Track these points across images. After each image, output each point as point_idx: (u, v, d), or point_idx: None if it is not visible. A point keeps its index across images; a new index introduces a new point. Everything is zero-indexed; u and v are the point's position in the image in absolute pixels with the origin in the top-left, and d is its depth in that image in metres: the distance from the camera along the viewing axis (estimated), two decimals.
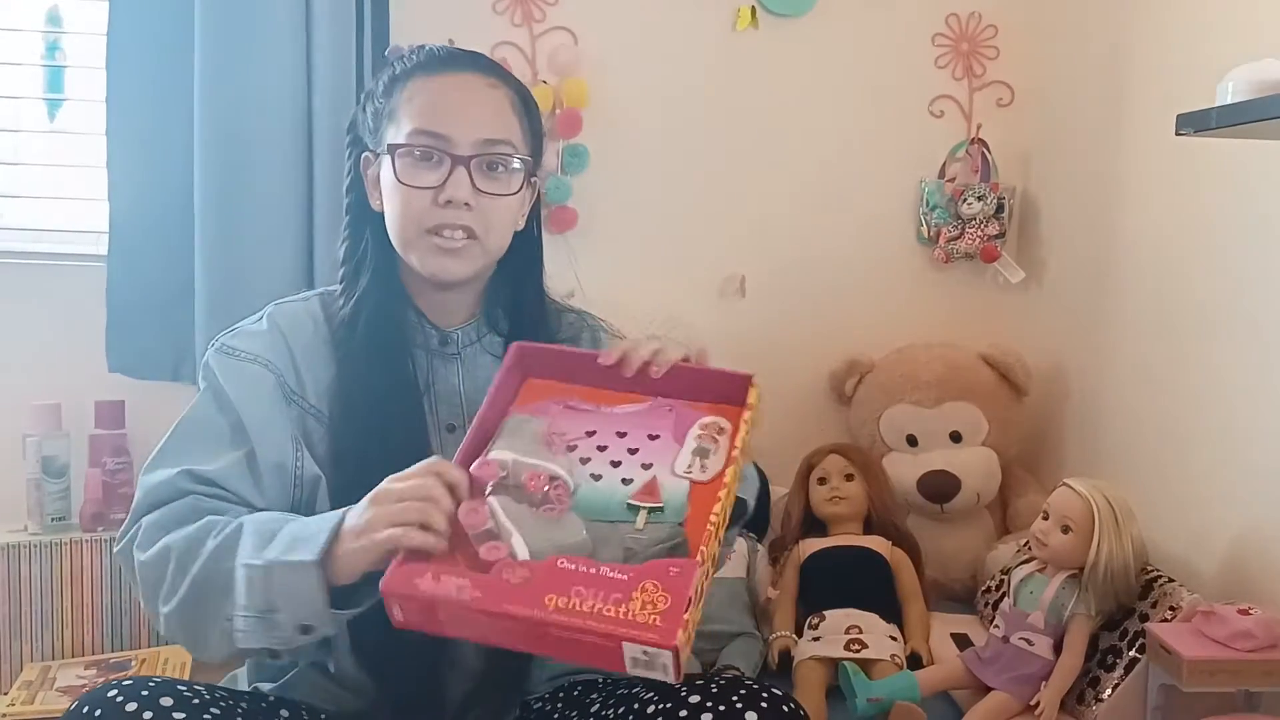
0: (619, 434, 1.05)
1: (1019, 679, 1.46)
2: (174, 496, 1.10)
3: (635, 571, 0.91)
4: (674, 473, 1.01)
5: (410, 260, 1.19)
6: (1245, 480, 1.50)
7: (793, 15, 2.08)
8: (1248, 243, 1.52)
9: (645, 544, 0.96)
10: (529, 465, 1.00)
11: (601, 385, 1.09)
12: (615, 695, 1.17)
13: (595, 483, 1.01)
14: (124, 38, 1.84)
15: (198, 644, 1.06)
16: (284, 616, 0.99)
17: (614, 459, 1.03)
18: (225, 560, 1.02)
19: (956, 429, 1.93)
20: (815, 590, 1.71)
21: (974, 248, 2.08)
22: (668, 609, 0.87)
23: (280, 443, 1.15)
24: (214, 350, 1.20)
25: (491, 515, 0.96)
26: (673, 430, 1.05)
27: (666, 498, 0.99)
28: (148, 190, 1.87)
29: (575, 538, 0.96)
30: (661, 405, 1.08)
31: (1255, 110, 1.16)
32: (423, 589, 0.91)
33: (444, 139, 1.16)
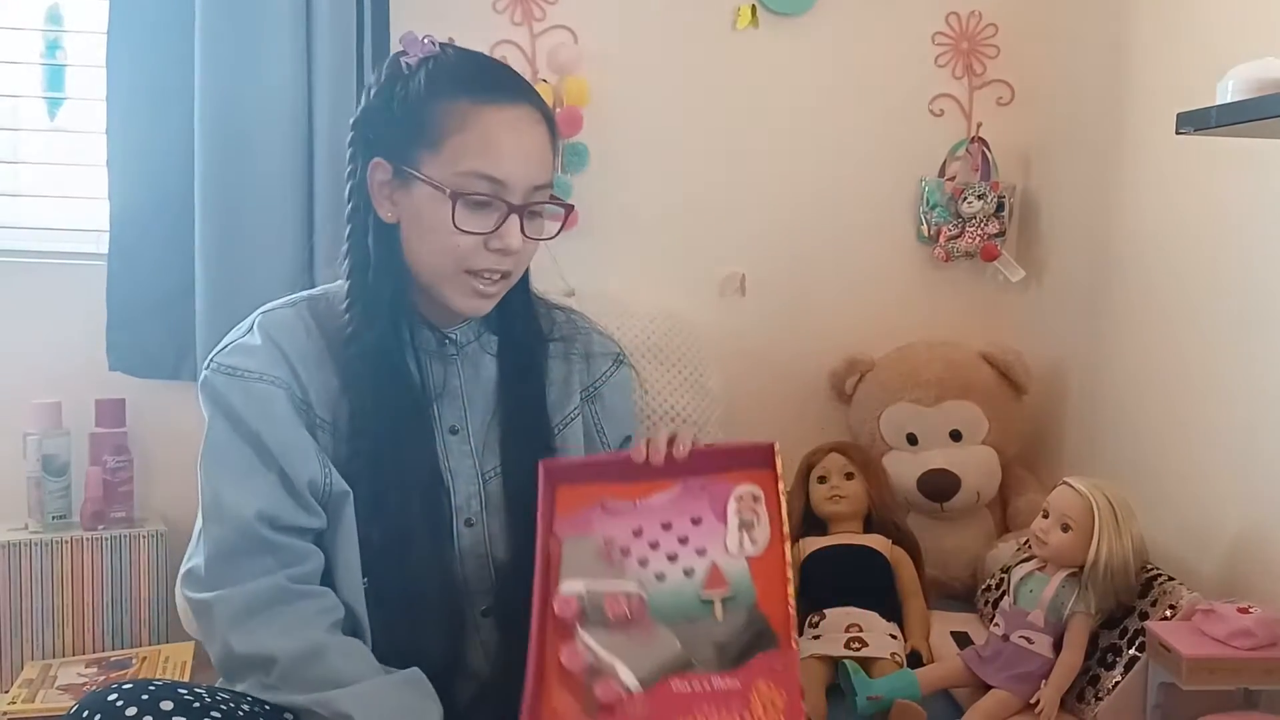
0: (664, 526, 1.08)
1: (1019, 677, 1.46)
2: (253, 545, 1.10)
3: (744, 675, 0.96)
4: (728, 552, 1.05)
5: (441, 293, 1.17)
6: (1245, 479, 1.50)
7: (793, 14, 2.07)
8: (1248, 241, 1.52)
9: (731, 634, 1.00)
10: (603, 590, 1.03)
11: (631, 479, 1.12)
12: None
13: (661, 583, 1.05)
14: (124, 36, 1.84)
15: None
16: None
17: (669, 553, 1.07)
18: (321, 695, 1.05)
19: (956, 427, 1.93)
20: (815, 589, 1.71)
21: (974, 246, 2.08)
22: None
23: (306, 458, 1.13)
24: (214, 372, 1.16)
25: (590, 652, 1.00)
26: (711, 509, 1.08)
27: (732, 581, 1.03)
28: (148, 189, 1.87)
29: (673, 651, 0.99)
30: (693, 485, 1.10)
31: (1255, 109, 1.16)
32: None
33: (501, 185, 1.13)
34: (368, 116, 1.19)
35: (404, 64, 1.17)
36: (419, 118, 1.14)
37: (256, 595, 1.09)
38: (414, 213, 1.16)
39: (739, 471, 1.11)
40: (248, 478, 1.12)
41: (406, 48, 1.18)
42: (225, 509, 1.11)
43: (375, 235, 1.19)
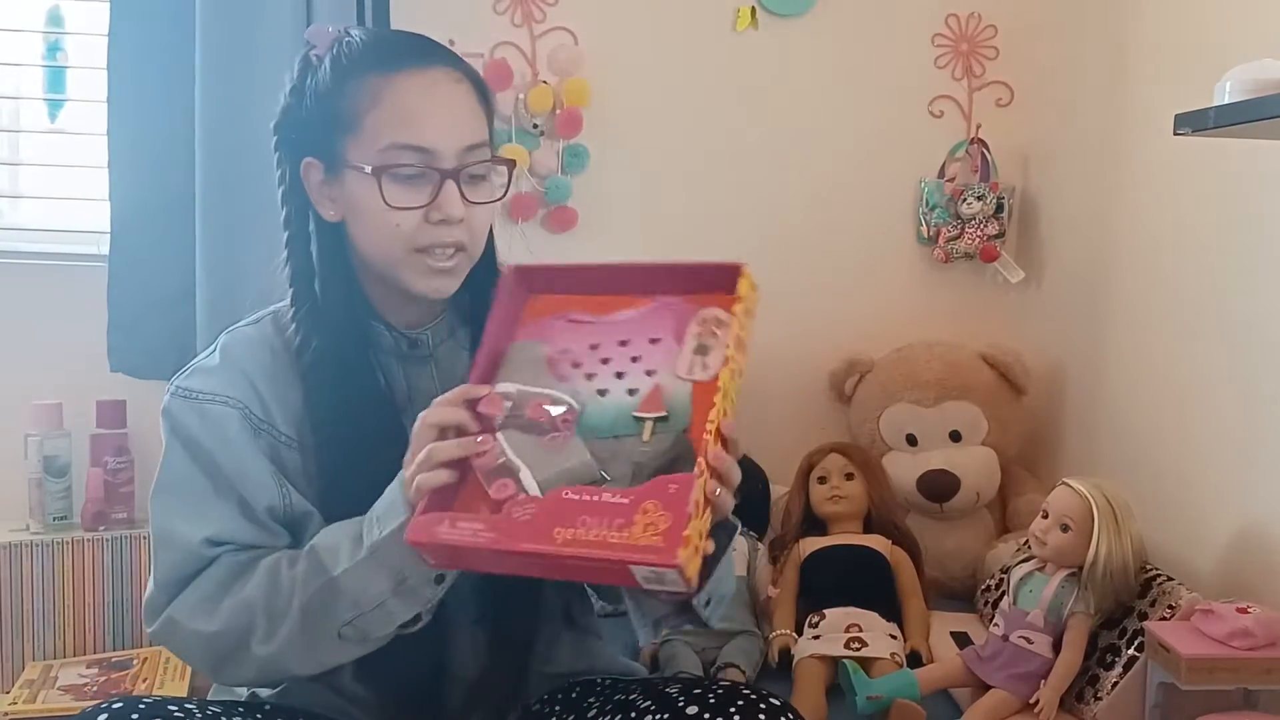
0: (621, 343, 1.03)
1: (1018, 677, 1.46)
2: (202, 567, 1.08)
3: (636, 494, 0.92)
4: (677, 376, 1.00)
5: (398, 279, 1.11)
6: (1244, 479, 1.51)
7: (792, 15, 2.08)
8: (1247, 242, 1.52)
9: (651, 456, 0.96)
10: (533, 395, 1.00)
11: (602, 291, 1.06)
12: (613, 701, 1.17)
13: (601, 399, 1.00)
14: (125, 38, 1.85)
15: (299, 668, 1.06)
16: (414, 579, 1.00)
17: (618, 370, 1.02)
18: (317, 579, 1.02)
19: (956, 428, 1.94)
20: (815, 589, 1.71)
21: (973, 247, 2.09)
22: (668, 528, 0.88)
23: (263, 483, 1.10)
24: (173, 396, 1.13)
25: (501, 452, 0.97)
26: (673, 330, 1.03)
27: (670, 405, 0.98)
28: (149, 190, 1.87)
29: (577, 461, 0.96)
30: (661, 305, 1.04)
31: (1253, 110, 1.16)
32: (442, 536, 0.93)
33: (428, 153, 1.07)
34: (287, 117, 1.14)
35: (313, 57, 1.12)
36: (334, 106, 1.09)
37: (209, 579, 1.07)
38: (351, 204, 1.10)
39: (710, 295, 1.04)
40: (203, 504, 1.09)
41: (314, 40, 1.13)
42: (176, 537, 1.09)
43: (320, 239, 1.15)
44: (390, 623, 1.02)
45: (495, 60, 1.99)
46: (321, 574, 1.02)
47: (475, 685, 1.16)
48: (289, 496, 1.11)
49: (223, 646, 1.07)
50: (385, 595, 1.00)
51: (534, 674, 1.22)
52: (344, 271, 1.15)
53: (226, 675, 1.12)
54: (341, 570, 1.01)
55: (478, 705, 1.16)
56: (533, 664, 1.21)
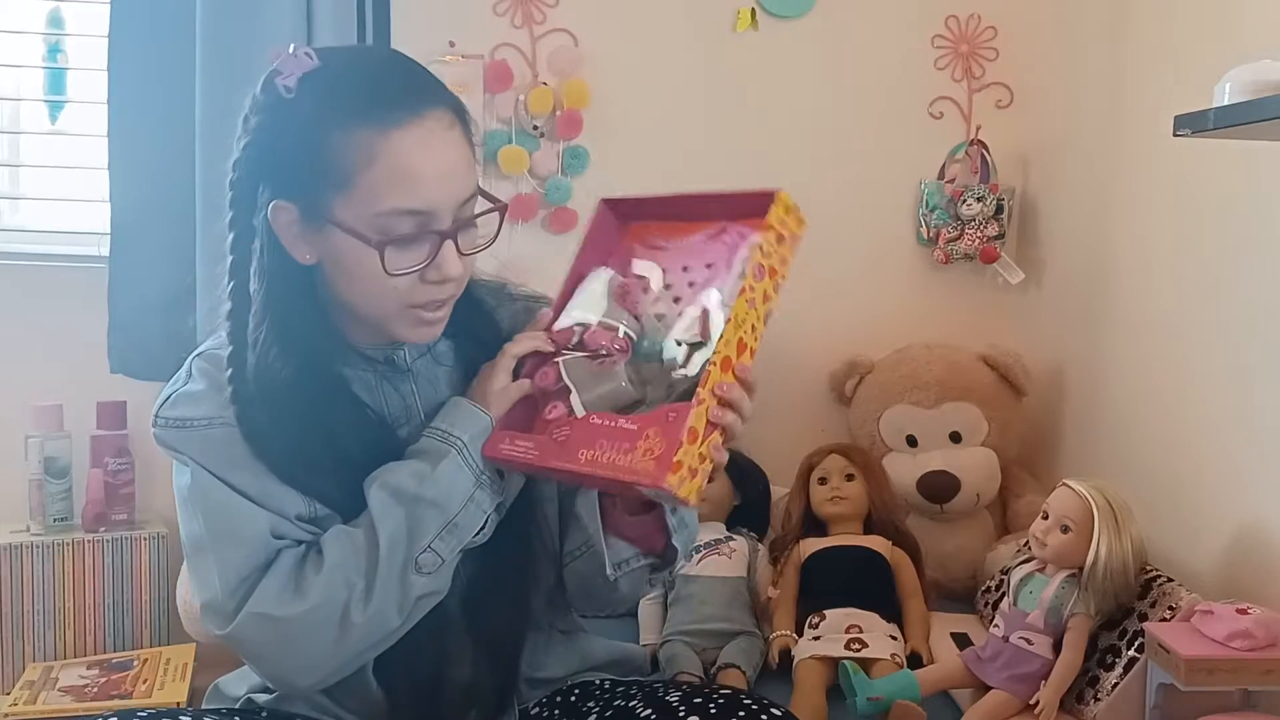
0: (684, 269, 1.08)
1: (1018, 678, 1.46)
2: (269, 556, 1.06)
3: (643, 420, 0.99)
4: (723, 303, 1.03)
5: (386, 330, 1.08)
6: (1243, 480, 1.51)
7: (792, 17, 2.08)
8: (1246, 244, 1.52)
9: (684, 380, 1.02)
10: (594, 322, 1.07)
11: (678, 218, 1.12)
12: (612, 707, 1.17)
13: (659, 324, 1.06)
14: (125, 40, 1.85)
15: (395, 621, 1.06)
16: (488, 473, 1.08)
17: (676, 295, 1.08)
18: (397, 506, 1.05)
19: (956, 429, 1.94)
20: (816, 589, 1.71)
21: (973, 249, 2.09)
22: (661, 453, 0.96)
23: (281, 497, 1.07)
24: (163, 428, 1.10)
25: (559, 376, 1.07)
26: (726, 256, 1.06)
27: (715, 328, 1.02)
28: (149, 192, 1.87)
29: (613, 385, 1.04)
30: (721, 230, 1.08)
31: (1253, 111, 1.16)
32: (503, 452, 1.06)
33: (427, 215, 1.02)
34: (252, 154, 1.05)
35: (282, 87, 1.01)
36: (317, 154, 1.01)
37: (281, 568, 1.05)
38: (335, 258, 1.05)
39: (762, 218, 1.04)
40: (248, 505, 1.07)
41: (281, 66, 1.02)
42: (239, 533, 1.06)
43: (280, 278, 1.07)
44: (479, 518, 1.07)
45: (495, 61, 1.99)
46: (399, 501, 1.05)
47: (467, 690, 1.15)
48: (311, 504, 1.09)
49: (319, 625, 1.03)
50: (471, 489, 1.06)
51: (525, 680, 1.22)
52: (307, 305, 1.09)
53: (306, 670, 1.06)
54: (428, 480, 1.05)
55: (471, 708, 1.16)
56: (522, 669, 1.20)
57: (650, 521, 1.16)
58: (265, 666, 1.07)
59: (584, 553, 1.18)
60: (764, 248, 1.02)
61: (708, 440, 0.99)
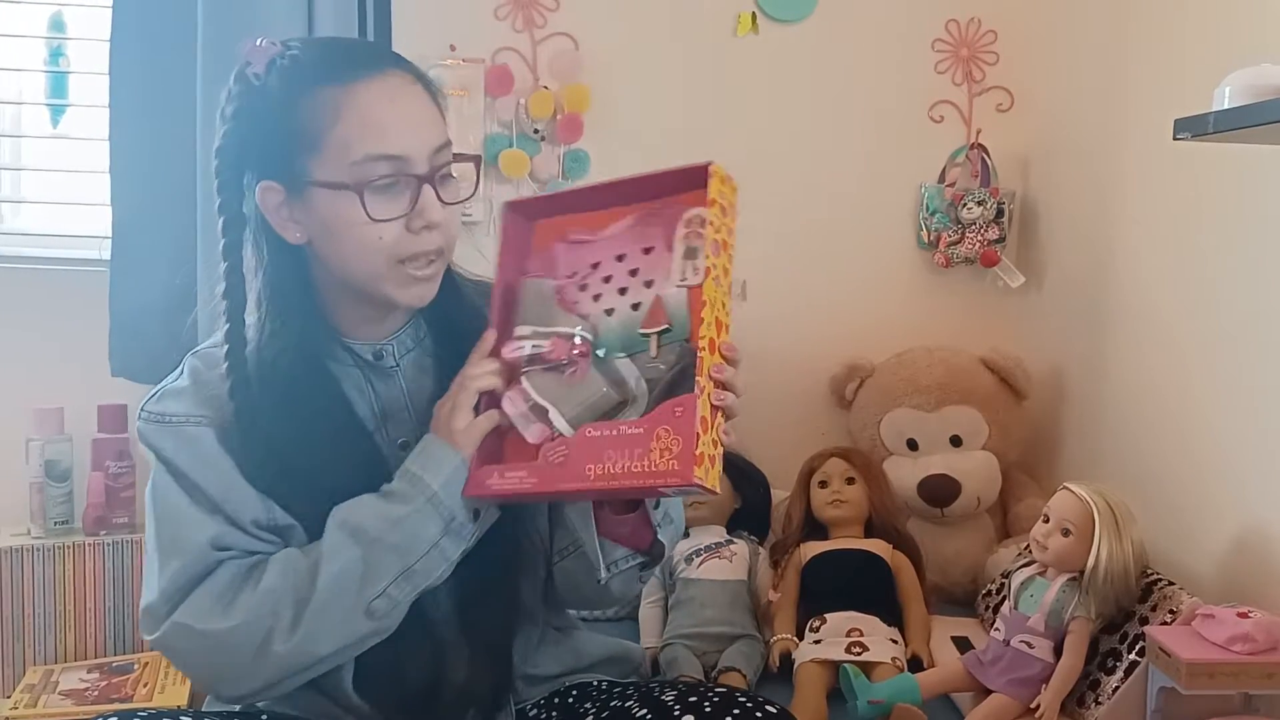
0: (618, 258, 1.06)
1: (1019, 681, 1.46)
2: (208, 571, 1.06)
3: (648, 422, 0.98)
4: (673, 284, 1.03)
5: (380, 293, 1.09)
6: (1244, 483, 1.51)
7: (793, 21, 2.09)
8: (1246, 247, 1.52)
9: (661, 370, 1.01)
10: (549, 334, 1.04)
11: (594, 208, 1.10)
12: (609, 708, 1.17)
13: (610, 318, 1.04)
14: (127, 43, 1.85)
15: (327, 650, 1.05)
16: (461, 516, 1.06)
17: (620, 286, 1.05)
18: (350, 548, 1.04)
19: (957, 433, 1.94)
20: (816, 593, 1.71)
21: (974, 252, 2.09)
22: (681, 450, 0.95)
23: (245, 499, 1.08)
24: (145, 421, 1.11)
25: (528, 396, 1.04)
26: (663, 237, 1.05)
27: (671, 315, 1.02)
28: (150, 195, 1.87)
29: (595, 392, 1.02)
30: (646, 212, 1.07)
31: (1252, 115, 1.17)
32: (494, 489, 1.03)
33: (402, 160, 1.05)
34: (232, 142, 1.10)
35: (252, 75, 1.08)
36: (289, 125, 1.05)
37: (218, 580, 1.06)
38: (322, 224, 1.07)
39: (687, 193, 1.06)
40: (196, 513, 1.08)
41: (249, 57, 1.09)
42: (181, 542, 1.07)
43: (277, 264, 1.11)
44: (442, 564, 1.06)
45: (496, 66, 1.99)
46: (357, 541, 1.04)
47: (462, 687, 1.15)
48: (272, 510, 1.10)
49: (238, 645, 1.04)
50: (437, 537, 1.05)
51: (519, 678, 1.22)
52: (299, 292, 1.12)
53: (230, 684, 1.08)
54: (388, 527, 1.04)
55: (466, 707, 1.16)
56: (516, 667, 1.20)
57: (637, 519, 1.15)
58: (192, 676, 1.11)
59: (572, 552, 1.18)
60: (714, 223, 1.03)
61: (715, 425, 0.99)
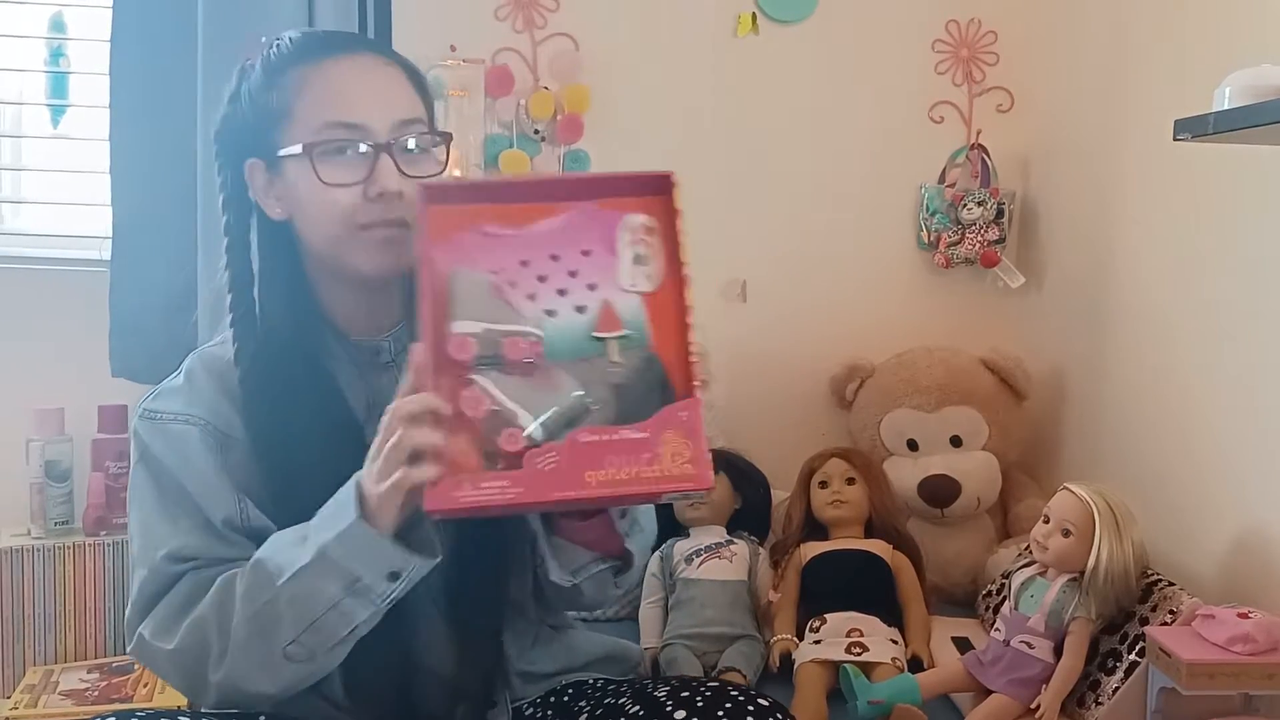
0: (552, 257, 1.01)
1: (1019, 682, 1.46)
2: (169, 583, 1.07)
3: (651, 426, 0.96)
4: (621, 289, 1.00)
5: (344, 262, 1.10)
6: (1244, 484, 1.51)
7: (793, 21, 2.09)
8: (1246, 247, 1.52)
9: (628, 376, 0.98)
10: (501, 331, 0.98)
11: (513, 200, 1.02)
12: (602, 705, 1.17)
13: (552, 319, 0.99)
14: (127, 44, 1.85)
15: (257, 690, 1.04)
16: (368, 577, 0.98)
17: (559, 287, 1.00)
18: (264, 593, 1.00)
19: (957, 433, 1.94)
20: (816, 593, 1.71)
21: (974, 253, 2.09)
22: (694, 454, 0.95)
23: (221, 497, 1.09)
24: (140, 419, 1.13)
25: (490, 399, 0.96)
26: (601, 240, 1.01)
27: (626, 320, 1.00)
28: (151, 195, 1.87)
29: (571, 396, 0.97)
30: (579, 213, 1.02)
31: (1252, 115, 1.17)
32: (464, 501, 0.93)
33: (359, 128, 1.08)
34: (226, 124, 1.16)
35: (247, 65, 1.15)
36: (267, 102, 1.11)
37: (175, 597, 1.06)
38: (292, 194, 1.11)
39: (630, 199, 1.03)
40: (164, 521, 1.09)
41: (248, 53, 1.16)
42: (143, 554, 1.09)
43: (264, 240, 1.15)
44: (347, 624, 1.00)
45: (496, 66, 1.99)
46: (267, 586, 1.00)
47: (451, 682, 1.15)
48: (246, 511, 1.10)
49: (182, 666, 1.06)
50: (338, 597, 0.98)
51: (515, 675, 1.21)
52: (290, 273, 1.15)
53: (198, 697, 1.09)
54: (286, 580, 0.98)
55: (457, 703, 1.15)
56: (511, 663, 1.20)
57: (601, 525, 1.13)
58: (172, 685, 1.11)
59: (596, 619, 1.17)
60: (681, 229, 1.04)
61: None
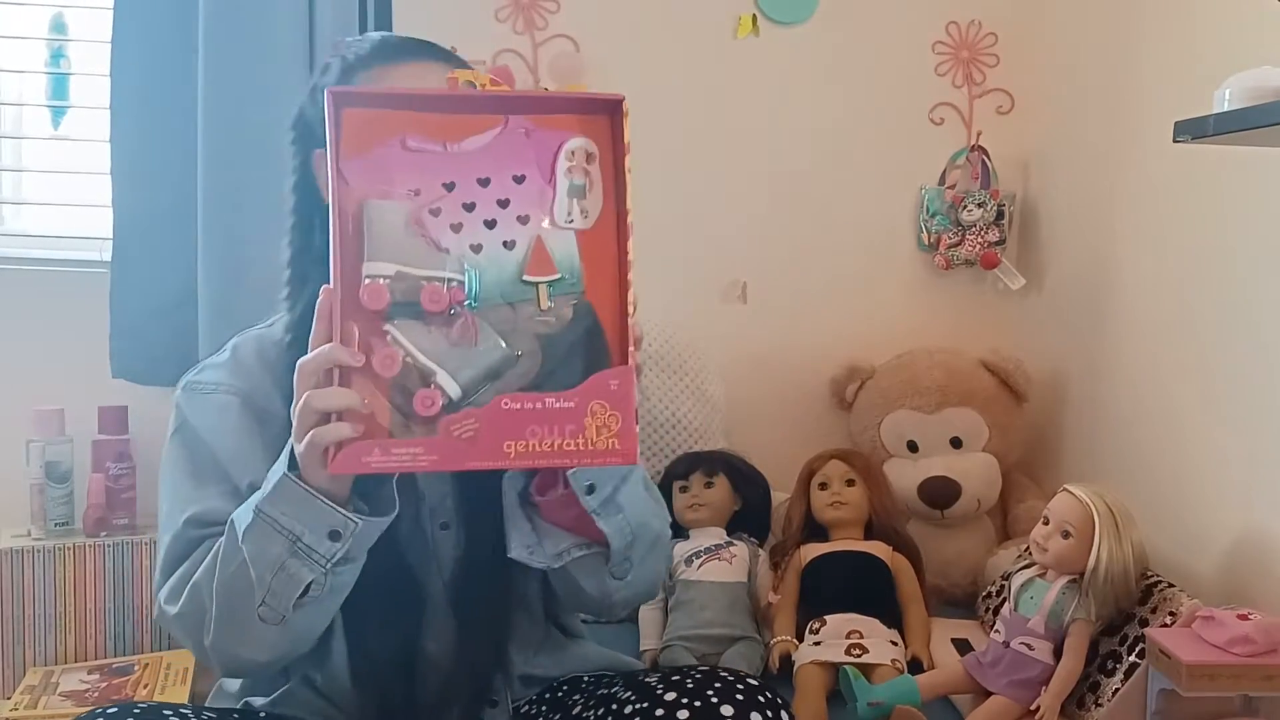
0: (481, 182, 0.90)
1: (1019, 683, 1.46)
2: (189, 549, 1.09)
3: (579, 395, 0.88)
4: (555, 224, 0.90)
5: None
6: (1245, 485, 1.51)
7: (793, 23, 2.09)
8: (1246, 249, 1.52)
9: (555, 326, 0.90)
10: (418, 277, 0.87)
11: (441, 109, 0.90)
12: (595, 696, 1.17)
13: (476, 256, 0.88)
14: (128, 45, 1.85)
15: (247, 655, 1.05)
16: (308, 537, 0.95)
17: (487, 218, 0.89)
18: (234, 555, 1.00)
19: (957, 435, 1.94)
20: (816, 595, 1.71)
21: (974, 254, 2.09)
22: (621, 428, 0.89)
23: (253, 465, 1.09)
24: (180, 390, 1.17)
25: (404, 352, 0.87)
26: (537, 163, 0.91)
27: (558, 260, 0.90)
28: (151, 196, 1.88)
29: (496, 354, 0.88)
30: (515, 129, 0.90)
31: (1252, 117, 1.17)
32: (374, 466, 0.86)
33: None
34: (301, 116, 1.20)
35: (329, 61, 1.19)
36: None
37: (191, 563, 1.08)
38: None
39: (573, 117, 0.92)
40: (192, 488, 1.11)
41: (331, 51, 1.22)
42: (167, 520, 1.12)
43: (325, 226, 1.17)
44: (296, 586, 0.98)
45: (497, 67, 1.99)
46: (234, 548, 1.00)
47: (450, 676, 1.15)
48: None
49: (187, 629, 1.07)
50: (282, 558, 0.96)
51: (517, 676, 1.22)
52: None
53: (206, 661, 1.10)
54: (241, 540, 0.98)
55: (454, 698, 1.15)
56: (514, 667, 1.21)
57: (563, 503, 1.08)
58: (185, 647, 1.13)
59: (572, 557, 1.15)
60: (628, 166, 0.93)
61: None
